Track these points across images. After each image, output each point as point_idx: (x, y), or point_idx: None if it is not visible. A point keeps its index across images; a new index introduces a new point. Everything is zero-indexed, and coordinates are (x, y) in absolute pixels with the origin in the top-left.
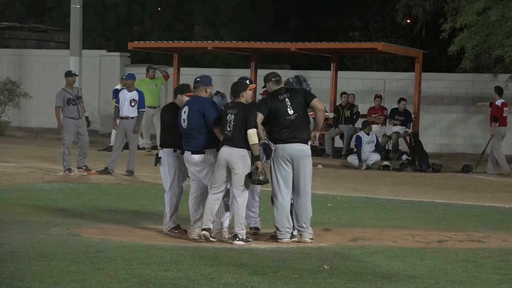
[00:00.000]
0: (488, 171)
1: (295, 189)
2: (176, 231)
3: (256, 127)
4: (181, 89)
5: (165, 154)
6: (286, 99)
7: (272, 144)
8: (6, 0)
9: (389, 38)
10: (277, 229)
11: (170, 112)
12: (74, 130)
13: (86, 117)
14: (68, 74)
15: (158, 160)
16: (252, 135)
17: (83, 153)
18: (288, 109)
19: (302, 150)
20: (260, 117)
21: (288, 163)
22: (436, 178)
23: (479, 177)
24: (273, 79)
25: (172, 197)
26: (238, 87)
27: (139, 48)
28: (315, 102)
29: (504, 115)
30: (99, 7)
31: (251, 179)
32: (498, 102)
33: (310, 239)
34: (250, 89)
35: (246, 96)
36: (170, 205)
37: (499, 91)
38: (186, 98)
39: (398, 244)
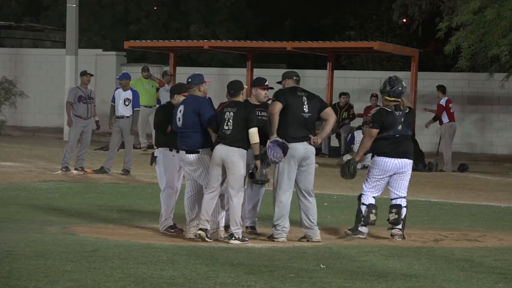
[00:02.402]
0: (446, 170)
1: (304, 189)
2: (172, 230)
3: (258, 126)
4: (177, 88)
5: (160, 153)
6: (304, 97)
7: (285, 142)
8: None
9: (385, 37)
10: (275, 227)
11: (165, 111)
12: (79, 129)
13: (97, 121)
14: (83, 73)
15: (153, 159)
16: (254, 134)
17: (82, 154)
18: (304, 107)
19: (312, 150)
20: (278, 106)
21: (297, 162)
22: (432, 177)
23: (475, 176)
24: (294, 78)
25: (167, 196)
26: (238, 86)
27: (135, 47)
28: (328, 110)
29: (451, 111)
30: (95, 6)
31: (253, 179)
32: (442, 101)
33: (319, 238)
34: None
35: (245, 95)
36: (166, 204)
37: (442, 89)
38: (183, 98)
39: (394, 243)
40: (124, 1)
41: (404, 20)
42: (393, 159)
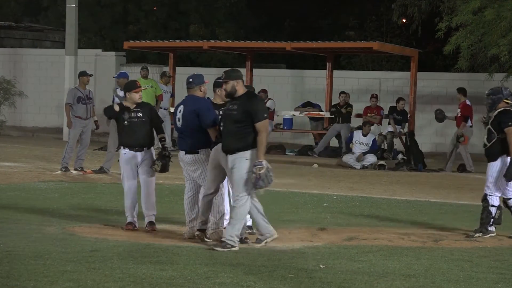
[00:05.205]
0: (447, 170)
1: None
2: (124, 227)
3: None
4: (129, 86)
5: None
6: None
7: None
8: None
9: (384, 37)
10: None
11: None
12: (79, 129)
13: (95, 121)
14: (83, 73)
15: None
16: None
17: (81, 154)
18: None
19: None
20: None
21: None
22: (431, 177)
23: (475, 176)
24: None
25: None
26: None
27: (134, 47)
28: None
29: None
30: (95, 6)
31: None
32: (468, 102)
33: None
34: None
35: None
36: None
37: (463, 92)
38: (135, 95)
39: (394, 243)
40: (123, 1)
41: (404, 20)
42: None
